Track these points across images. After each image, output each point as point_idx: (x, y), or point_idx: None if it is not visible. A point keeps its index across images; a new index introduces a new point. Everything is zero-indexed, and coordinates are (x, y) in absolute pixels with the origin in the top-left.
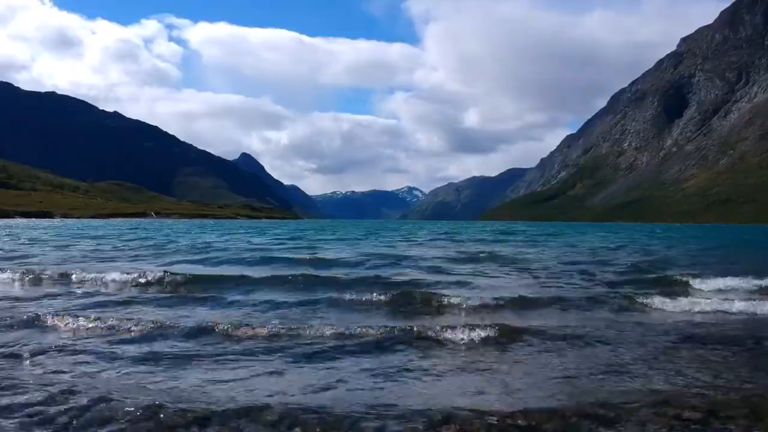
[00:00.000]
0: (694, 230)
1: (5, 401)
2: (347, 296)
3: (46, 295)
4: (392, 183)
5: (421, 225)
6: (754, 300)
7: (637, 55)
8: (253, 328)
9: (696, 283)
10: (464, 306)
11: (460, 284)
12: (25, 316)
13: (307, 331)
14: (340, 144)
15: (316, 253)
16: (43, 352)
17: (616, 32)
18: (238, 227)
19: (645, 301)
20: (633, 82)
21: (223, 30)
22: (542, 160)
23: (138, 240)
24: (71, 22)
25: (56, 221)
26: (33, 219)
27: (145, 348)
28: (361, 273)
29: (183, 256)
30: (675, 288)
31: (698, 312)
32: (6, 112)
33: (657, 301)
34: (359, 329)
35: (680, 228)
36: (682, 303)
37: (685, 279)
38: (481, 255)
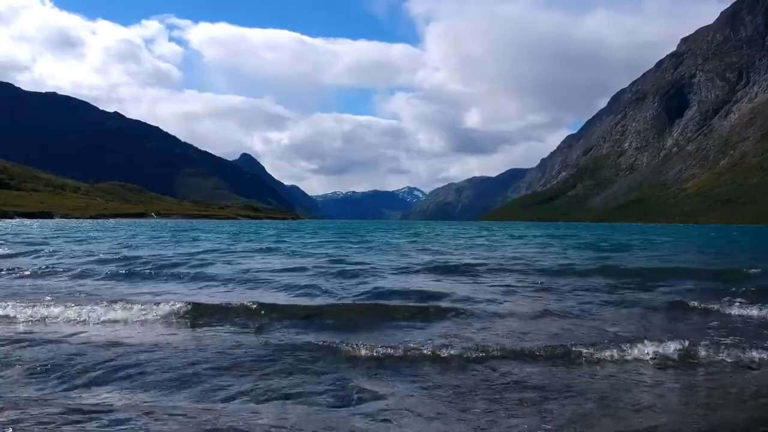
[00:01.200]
0: (698, 231)
1: None
2: None
3: None
4: (393, 183)
5: (415, 225)
6: None
7: (638, 56)
8: None
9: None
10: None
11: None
12: None
13: None
14: (342, 144)
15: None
16: None
17: (617, 32)
18: (214, 228)
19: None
20: (633, 83)
21: (223, 30)
22: (543, 160)
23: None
24: (72, 22)
25: (49, 222)
26: (31, 220)
27: None
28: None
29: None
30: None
31: None
32: (7, 112)
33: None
34: None
35: (685, 229)
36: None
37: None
38: (462, 263)
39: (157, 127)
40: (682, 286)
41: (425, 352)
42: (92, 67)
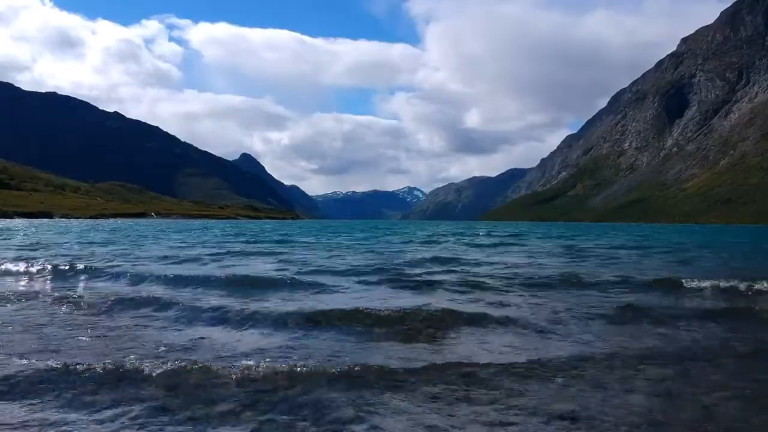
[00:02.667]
0: (702, 230)
1: None
2: None
3: None
4: (393, 183)
5: (405, 225)
6: None
7: (638, 56)
8: None
9: None
10: None
11: None
12: None
13: None
14: (342, 144)
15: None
16: None
17: (617, 32)
18: (170, 229)
19: None
20: (633, 83)
21: (223, 30)
22: (542, 160)
23: None
24: (72, 22)
25: (42, 222)
26: (31, 220)
27: None
28: None
29: None
30: None
31: None
32: (7, 112)
33: None
34: None
35: (694, 230)
36: None
37: None
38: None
39: (157, 127)
40: None
41: None
42: (92, 67)
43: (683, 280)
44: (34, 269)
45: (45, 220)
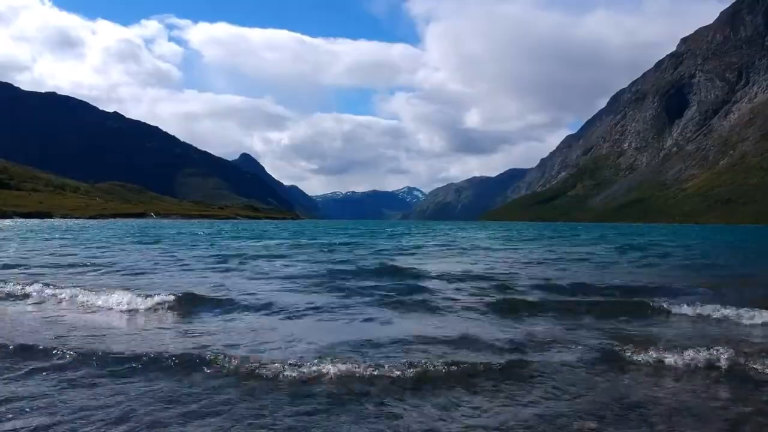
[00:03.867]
0: (702, 230)
1: None
2: None
3: None
4: (393, 183)
5: (396, 225)
6: None
7: (638, 56)
8: None
9: None
10: None
11: None
12: None
13: None
14: (342, 144)
15: None
16: None
17: (617, 32)
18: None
19: None
20: (633, 83)
21: (223, 30)
22: (542, 160)
23: None
24: (72, 22)
25: (40, 222)
26: (30, 219)
27: None
28: None
29: None
30: None
31: None
32: (7, 112)
33: None
34: None
35: (694, 230)
36: None
37: None
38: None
39: (156, 127)
40: None
41: None
42: (92, 67)
43: (665, 304)
44: None
45: (37, 220)
